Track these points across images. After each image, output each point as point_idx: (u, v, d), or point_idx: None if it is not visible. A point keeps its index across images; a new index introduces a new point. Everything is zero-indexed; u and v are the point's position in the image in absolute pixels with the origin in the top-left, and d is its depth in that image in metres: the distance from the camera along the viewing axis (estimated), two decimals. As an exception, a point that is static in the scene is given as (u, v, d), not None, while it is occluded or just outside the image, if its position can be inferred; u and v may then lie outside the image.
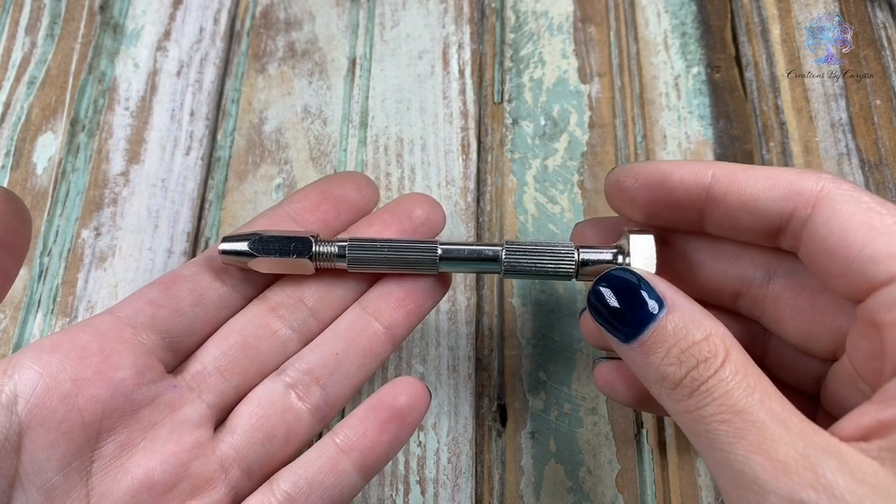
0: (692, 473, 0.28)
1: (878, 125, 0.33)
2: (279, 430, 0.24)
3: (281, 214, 0.26)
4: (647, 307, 0.20)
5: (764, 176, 0.22)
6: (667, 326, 0.20)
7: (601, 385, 0.26)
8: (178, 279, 0.25)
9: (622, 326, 0.21)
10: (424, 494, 0.28)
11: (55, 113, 0.35)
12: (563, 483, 0.28)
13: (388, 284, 0.26)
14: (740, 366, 0.19)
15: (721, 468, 0.18)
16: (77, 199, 0.34)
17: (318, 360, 0.25)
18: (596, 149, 0.34)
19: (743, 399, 0.18)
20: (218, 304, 0.25)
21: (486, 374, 0.30)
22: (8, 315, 0.31)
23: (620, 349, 0.21)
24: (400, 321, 0.25)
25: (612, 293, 0.21)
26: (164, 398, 0.24)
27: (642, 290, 0.21)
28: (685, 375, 0.19)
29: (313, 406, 0.24)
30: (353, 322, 0.25)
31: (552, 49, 0.36)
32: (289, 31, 0.37)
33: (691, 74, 0.35)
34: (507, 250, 0.25)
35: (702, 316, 0.20)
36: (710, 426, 0.19)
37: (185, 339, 0.25)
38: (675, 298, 0.21)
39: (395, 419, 0.24)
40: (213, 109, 0.36)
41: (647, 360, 0.20)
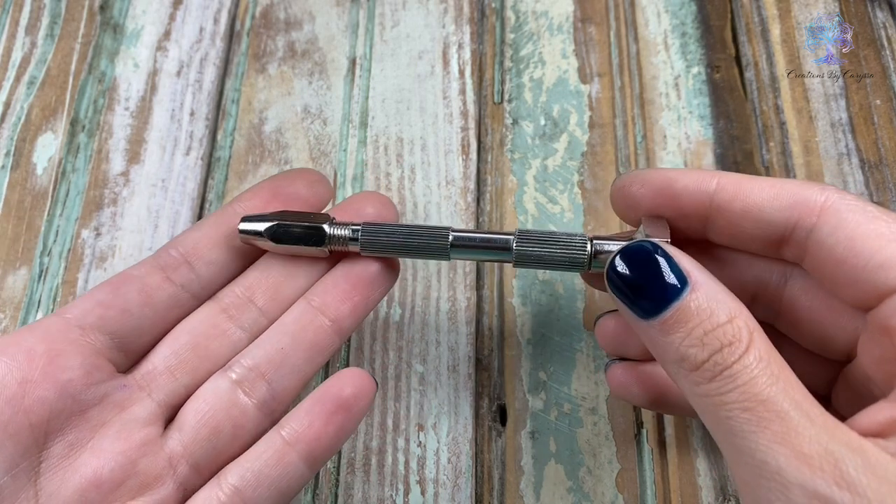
0: (692, 473, 0.28)
1: (878, 125, 0.33)
2: (226, 426, 0.24)
3: (230, 214, 0.26)
4: (670, 284, 0.20)
5: (768, 185, 0.22)
6: (690, 305, 0.19)
7: (615, 387, 0.25)
8: (127, 279, 0.25)
9: (643, 302, 0.20)
10: (424, 494, 0.28)
11: (55, 113, 0.35)
12: (563, 483, 0.28)
13: (335, 277, 0.26)
14: (764, 352, 0.19)
15: (740, 456, 0.18)
16: (77, 199, 0.34)
17: (264, 356, 0.25)
18: (596, 149, 0.34)
19: (767, 387, 0.18)
20: (167, 303, 0.25)
21: (486, 374, 0.30)
22: (8, 315, 0.31)
23: (637, 325, 0.21)
24: (346, 314, 0.26)
25: (634, 267, 0.21)
26: (113, 398, 0.24)
27: (666, 266, 0.20)
28: (708, 359, 0.19)
29: (259, 401, 0.25)
30: (298, 317, 0.25)
31: (552, 49, 0.36)
32: (289, 31, 0.37)
33: (691, 74, 0.35)
34: (519, 239, 0.24)
35: (726, 296, 0.20)
36: (732, 413, 0.18)
37: (135, 340, 0.25)
38: (699, 276, 0.20)
39: (340, 410, 0.24)
40: (213, 109, 0.36)
41: (667, 339, 0.20)
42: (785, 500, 0.17)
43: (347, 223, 0.25)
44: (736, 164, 0.33)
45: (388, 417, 0.30)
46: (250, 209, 0.26)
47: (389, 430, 0.29)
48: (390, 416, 0.30)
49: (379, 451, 0.29)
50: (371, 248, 0.25)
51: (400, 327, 0.31)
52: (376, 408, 0.30)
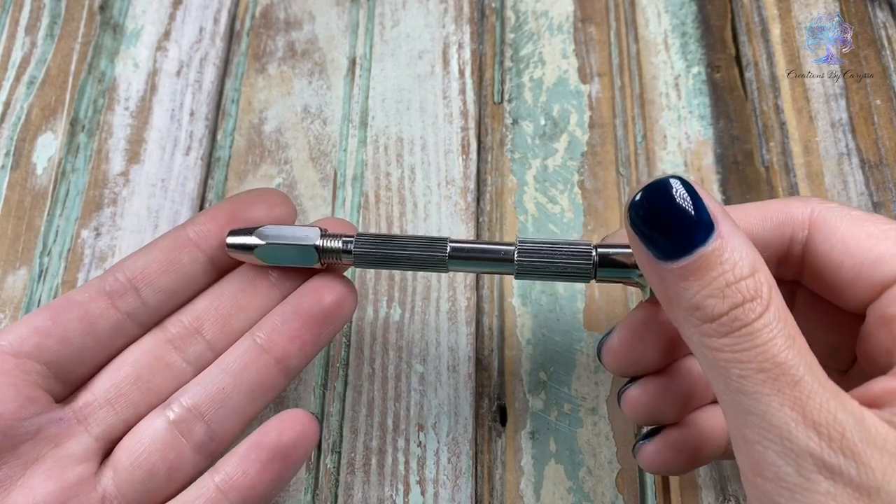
0: (692, 473, 0.28)
1: (878, 125, 0.33)
2: (161, 468, 0.23)
3: (183, 238, 0.25)
4: (697, 226, 0.18)
5: (753, 210, 0.22)
6: (715, 253, 0.18)
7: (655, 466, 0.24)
8: (69, 305, 0.24)
9: (664, 243, 0.19)
10: (424, 494, 0.28)
11: (55, 113, 0.35)
12: (563, 483, 0.28)
13: (284, 313, 0.25)
14: (782, 312, 0.18)
15: (747, 416, 0.18)
16: (77, 199, 0.34)
17: (204, 395, 0.24)
18: (596, 149, 0.34)
19: (785, 350, 0.17)
20: (110, 332, 0.24)
21: (486, 374, 0.30)
22: (8, 315, 0.31)
23: (651, 266, 0.19)
24: (293, 353, 0.24)
25: (660, 204, 0.19)
26: (47, 432, 0.23)
27: (693, 207, 0.19)
28: (727, 312, 0.18)
29: (197, 443, 0.24)
30: (241, 354, 0.24)
31: (552, 49, 0.36)
32: (289, 31, 0.37)
33: (691, 74, 0.35)
34: (521, 250, 0.23)
35: (750, 249, 0.19)
36: (745, 373, 0.18)
37: (75, 369, 0.24)
38: (726, 224, 0.19)
39: (277, 458, 0.23)
40: (213, 109, 0.36)
41: (683, 285, 0.19)
42: (795, 465, 0.17)
43: (339, 235, 0.24)
44: (736, 164, 0.33)
45: (388, 417, 0.30)
46: (204, 233, 0.25)
47: (389, 430, 0.29)
48: (390, 416, 0.30)
49: (379, 451, 0.29)
50: (364, 261, 0.24)
51: (400, 327, 0.31)
52: (376, 408, 0.30)
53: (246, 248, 0.24)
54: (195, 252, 0.25)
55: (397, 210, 0.33)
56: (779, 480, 0.17)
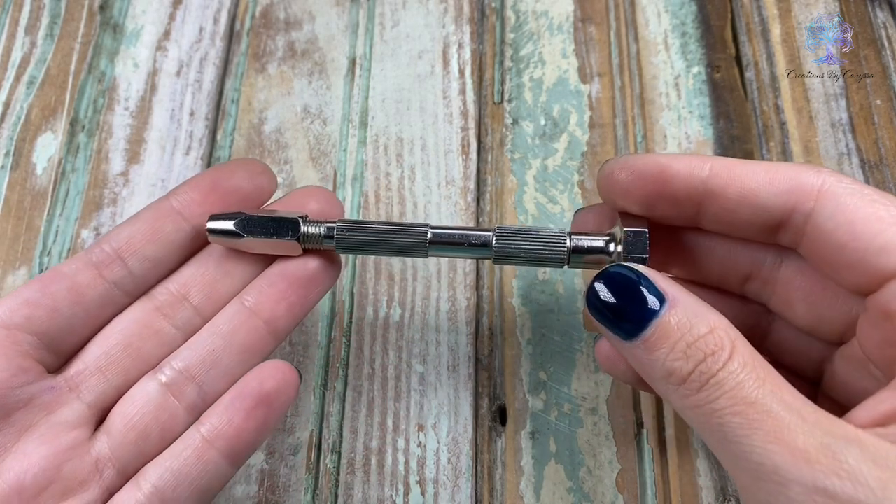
0: (692, 473, 0.28)
1: (878, 125, 0.33)
2: (153, 430, 0.24)
3: (166, 208, 0.25)
4: (648, 303, 0.20)
5: (763, 170, 0.22)
6: (670, 321, 0.20)
7: (602, 362, 0.25)
8: (57, 277, 0.24)
9: (623, 324, 0.21)
10: (424, 494, 0.28)
11: (55, 113, 0.35)
12: (563, 483, 0.28)
13: (271, 276, 0.25)
14: (748, 357, 0.19)
15: (737, 461, 0.18)
16: (77, 198, 0.34)
17: (195, 357, 0.24)
18: (596, 149, 0.34)
19: (755, 390, 0.18)
20: (99, 302, 0.25)
21: (486, 374, 0.30)
22: (8, 315, 0.31)
23: (622, 347, 0.21)
24: (281, 315, 0.25)
25: (611, 291, 0.21)
26: (40, 399, 0.23)
27: (642, 287, 0.21)
28: (693, 370, 0.19)
29: (189, 404, 0.24)
30: (231, 317, 0.25)
31: (552, 49, 0.36)
32: (289, 30, 0.37)
33: (691, 74, 0.35)
34: (498, 235, 0.24)
35: (704, 309, 0.20)
36: (723, 419, 0.18)
37: (65, 339, 0.24)
38: (676, 293, 0.20)
39: (261, 405, 0.24)
40: (213, 109, 0.36)
41: (652, 357, 0.20)
42: (785, 499, 0.17)
43: (322, 221, 0.25)
44: (736, 163, 0.33)
45: (388, 417, 0.30)
46: (187, 203, 0.25)
47: (389, 430, 0.29)
48: (390, 416, 0.30)
49: (379, 451, 0.29)
50: (346, 247, 0.25)
51: (400, 327, 0.31)
52: (376, 408, 0.30)
53: (226, 234, 0.25)
54: (179, 221, 0.25)
55: (397, 210, 0.33)
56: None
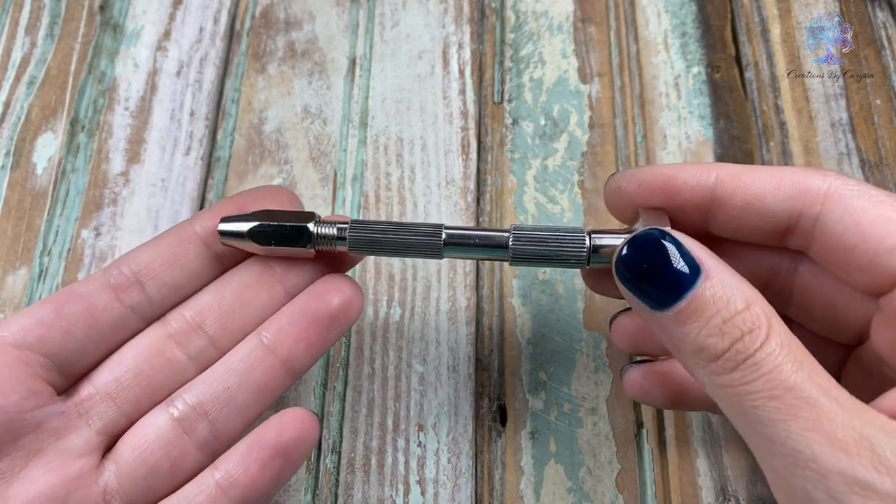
0: (692, 473, 0.28)
1: (878, 125, 0.33)
2: (163, 465, 0.23)
3: (189, 233, 0.25)
4: (683, 272, 0.19)
5: (769, 176, 0.22)
6: (705, 294, 0.19)
7: (635, 391, 0.25)
8: (73, 298, 0.24)
9: (655, 293, 0.19)
10: (424, 494, 0.28)
11: (55, 113, 0.35)
12: (563, 483, 0.28)
13: (292, 313, 0.25)
14: (785, 338, 0.18)
15: (771, 445, 0.18)
16: (77, 198, 0.34)
17: (209, 393, 0.24)
18: (596, 149, 0.34)
19: (793, 374, 0.17)
20: (114, 325, 0.24)
21: (486, 374, 0.30)
22: (7, 315, 0.31)
23: (650, 317, 0.20)
24: (300, 355, 0.24)
25: (645, 256, 0.20)
26: (49, 424, 0.23)
27: (678, 253, 0.19)
28: (728, 348, 0.18)
29: (200, 441, 0.24)
30: (248, 354, 0.24)
31: (552, 49, 0.36)
32: (289, 30, 0.37)
33: (691, 74, 0.35)
34: (515, 236, 0.23)
35: (741, 283, 0.19)
36: (758, 402, 0.18)
37: (77, 362, 0.24)
38: (712, 263, 0.19)
39: (278, 456, 0.23)
40: (213, 109, 0.36)
41: (683, 330, 0.19)
42: (824, 488, 0.17)
43: (334, 221, 0.24)
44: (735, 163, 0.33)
45: (388, 417, 0.30)
46: (211, 229, 0.25)
47: (389, 430, 0.29)
48: (390, 416, 0.30)
49: (379, 451, 0.29)
50: (359, 247, 0.24)
51: (400, 327, 0.31)
52: (376, 408, 0.30)
53: (238, 236, 0.24)
54: (201, 247, 0.25)
55: (397, 210, 0.33)
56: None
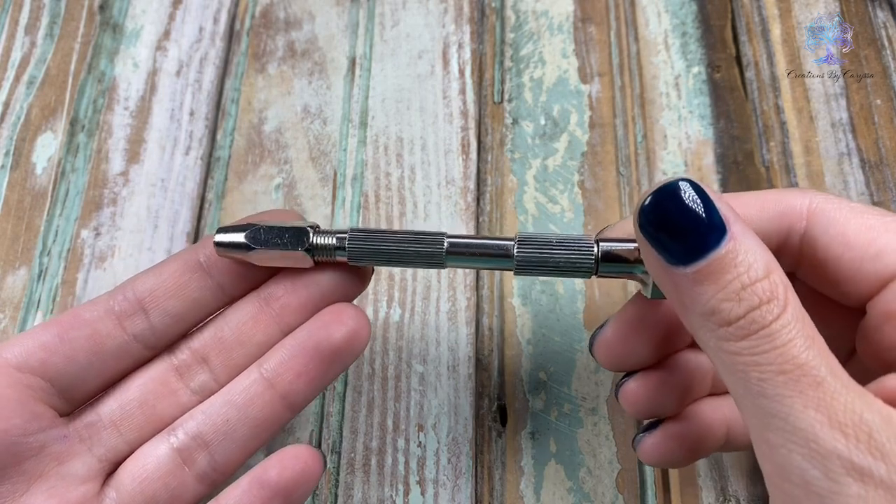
0: (692, 473, 0.28)
1: (878, 125, 0.33)
2: (162, 495, 0.23)
3: (193, 262, 0.25)
4: (708, 230, 0.18)
5: (752, 199, 0.22)
6: (728, 256, 0.18)
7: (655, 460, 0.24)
8: (78, 323, 0.24)
9: (677, 247, 0.19)
10: (424, 495, 0.28)
11: (55, 113, 0.35)
12: (563, 483, 0.28)
13: (293, 347, 0.24)
14: (799, 313, 0.18)
15: (769, 420, 0.17)
16: (77, 198, 0.33)
17: (208, 424, 0.24)
18: (596, 149, 0.34)
19: (804, 351, 0.17)
20: (116, 353, 0.24)
21: (486, 374, 0.30)
22: (7, 315, 0.31)
23: (664, 271, 0.19)
24: (300, 389, 0.24)
25: (671, 208, 0.19)
26: (51, 449, 0.23)
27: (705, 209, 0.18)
28: (744, 315, 0.18)
29: (199, 472, 0.24)
30: (247, 387, 0.24)
31: (552, 49, 0.36)
32: (288, 30, 0.37)
33: (692, 74, 0.35)
34: (520, 245, 0.23)
35: (763, 250, 0.18)
36: (765, 375, 0.17)
37: (78, 387, 0.24)
38: (738, 226, 0.18)
39: (277, 497, 0.23)
40: (213, 109, 0.36)
41: (698, 290, 0.18)
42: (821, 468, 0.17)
43: (333, 231, 0.24)
44: (736, 163, 0.33)
45: (388, 417, 0.30)
46: (214, 258, 0.25)
47: (389, 430, 0.29)
48: (390, 416, 0.30)
49: (379, 451, 0.29)
50: (358, 257, 0.24)
51: (400, 327, 0.31)
52: (376, 408, 0.30)
53: (235, 247, 0.24)
54: (205, 278, 0.25)
55: (397, 210, 0.33)
56: (806, 485, 0.17)
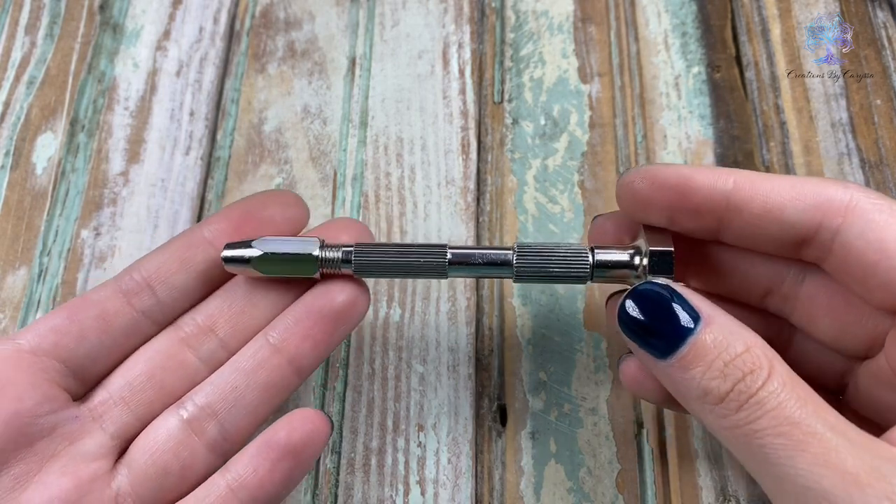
0: (692, 473, 0.28)
1: (878, 125, 0.33)
2: (174, 466, 0.23)
3: (197, 238, 0.25)
4: (682, 321, 0.20)
5: (789, 185, 0.21)
6: (706, 340, 0.19)
7: (629, 383, 0.25)
8: (86, 304, 0.24)
9: (657, 343, 0.20)
10: (424, 494, 0.28)
11: (55, 113, 0.35)
12: (563, 483, 0.28)
13: (297, 312, 0.25)
14: (787, 377, 0.19)
15: (781, 484, 0.18)
16: (77, 198, 0.33)
17: (217, 394, 0.24)
18: (596, 149, 0.34)
19: (797, 410, 0.18)
20: (126, 330, 0.24)
21: (486, 374, 0.30)
22: (7, 315, 0.31)
23: (655, 366, 0.21)
24: (306, 353, 0.24)
25: (644, 309, 0.21)
26: (64, 429, 0.23)
27: (677, 304, 0.20)
28: (731, 388, 0.19)
29: (210, 441, 0.24)
30: (254, 354, 0.24)
31: (552, 49, 0.36)
32: (288, 30, 0.37)
33: (691, 74, 0.35)
34: (519, 254, 0.24)
35: (739, 328, 0.20)
36: (765, 440, 0.18)
37: (91, 366, 0.24)
38: (711, 311, 0.20)
39: (287, 457, 0.23)
40: (213, 109, 0.36)
41: (687, 376, 0.20)
42: None
43: (339, 245, 0.24)
44: (736, 163, 0.33)
45: (388, 417, 0.30)
46: (218, 232, 0.25)
47: (389, 430, 0.29)
48: (390, 416, 0.30)
49: (379, 451, 0.29)
50: (364, 270, 0.24)
51: (400, 327, 0.31)
52: (376, 408, 0.30)
53: (242, 261, 0.24)
54: (210, 250, 0.25)
55: (397, 210, 0.33)
56: None
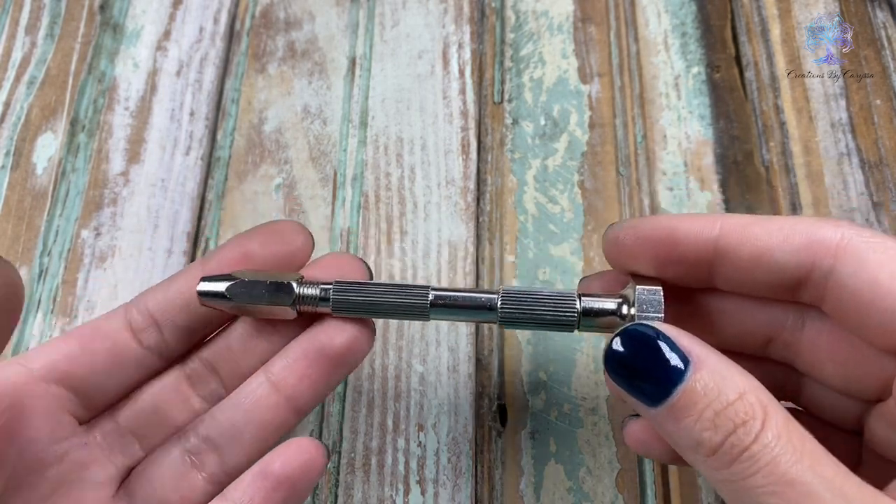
0: (692, 473, 0.28)
1: (878, 125, 0.33)
2: (173, 498, 0.24)
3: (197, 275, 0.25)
4: (672, 365, 0.19)
5: (777, 227, 0.21)
6: (695, 387, 0.18)
7: (634, 445, 0.24)
8: (98, 335, 0.24)
9: (647, 388, 0.19)
10: (424, 494, 0.28)
11: (55, 113, 0.35)
12: (563, 483, 0.28)
13: (296, 351, 0.25)
14: (782, 427, 0.17)
15: None
16: (77, 198, 0.34)
17: (217, 428, 0.24)
18: (596, 149, 0.34)
19: (793, 467, 0.17)
20: (135, 365, 0.25)
21: (486, 374, 0.30)
22: (8, 315, 0.31)
23: (647, 413, 0.20)
24: (304, 392, 0.24)
25: (632, 352, 0.20)
26: (73, 456, 0.24)
27: (665, 347, 0.19)
28: (723, 441, 0.18)
29: (210, 475, 0.24)
30: (253, 391, 0.25)
31: (552, 49, 0.36)
32: (289, 30, 0.37)
33: (691, 74, 0.35)
34: (504, 298, 0.23)
35: (732, 371, 0.19)
36: (760, 498, 0.17)
37: (99, 397, 0.25)
38: (702, 353, 0.19)
39: (281, 487, 0.23)
40: (213, 109, 0.36)
41: (679, 426, 0.19)
42: None
43: (317, 282, 0.24)
44: (736, 164, 0.33)
45: (388, 417, 0.30)
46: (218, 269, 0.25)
47: (389, 430, 0.29)
48: (390, 416, 0.30)
49: (379, 451, 0.29)
50: (344, 309, 0.24)
51: (400, 327, 0.31)
52: (376, 408, 0.30)
53: (217, 297, 0.24)
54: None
55: (397, 210, 0.33)
56: None
